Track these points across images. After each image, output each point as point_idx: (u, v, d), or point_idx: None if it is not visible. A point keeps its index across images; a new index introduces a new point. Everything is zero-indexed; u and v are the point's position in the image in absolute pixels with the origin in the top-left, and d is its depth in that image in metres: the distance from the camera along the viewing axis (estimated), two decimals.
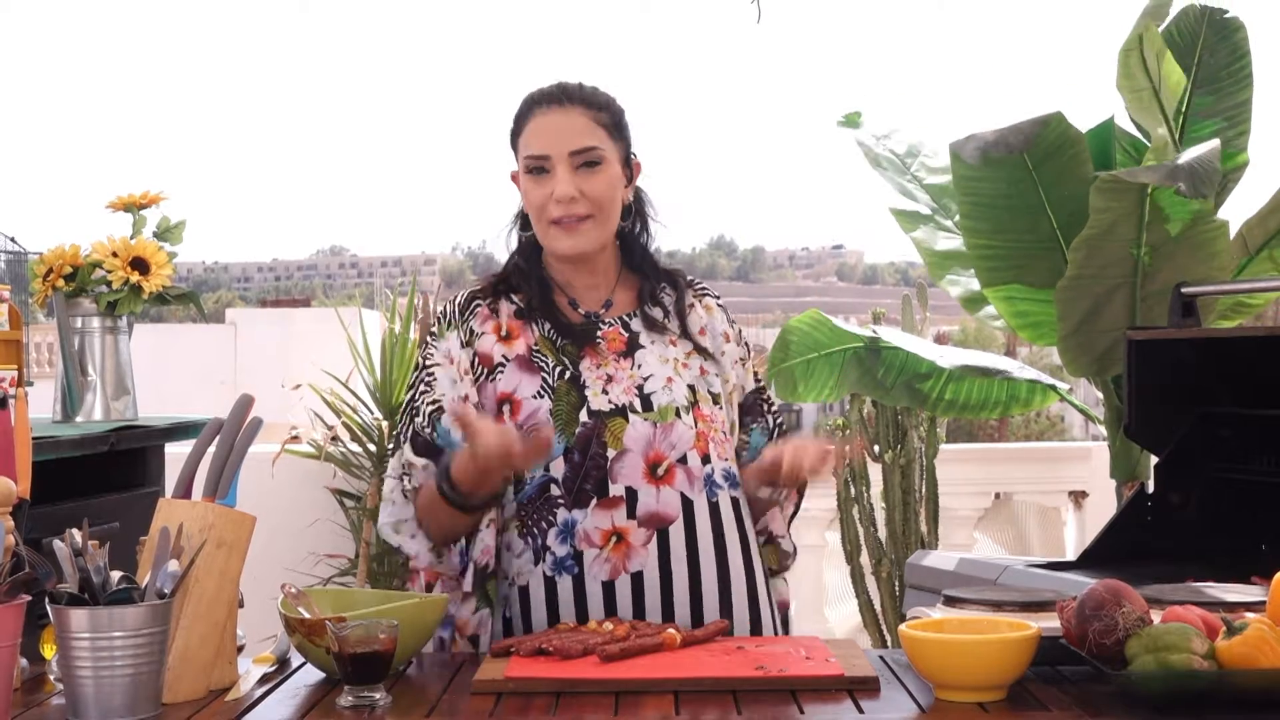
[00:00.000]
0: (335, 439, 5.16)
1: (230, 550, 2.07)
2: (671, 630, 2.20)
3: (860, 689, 2.01)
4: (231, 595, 2.09)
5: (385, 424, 5.12)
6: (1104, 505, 5.35)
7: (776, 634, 2.49)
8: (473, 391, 2.42)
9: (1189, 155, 4.19)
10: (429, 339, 2.49)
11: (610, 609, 2.34)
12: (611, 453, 2.37)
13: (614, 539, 2.35)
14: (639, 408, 2.41)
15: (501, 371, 2.42)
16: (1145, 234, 4.42)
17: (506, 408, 2.40)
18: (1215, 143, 4.28)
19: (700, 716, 1.90)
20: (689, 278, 2.62)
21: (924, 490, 5.20)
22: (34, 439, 2.21)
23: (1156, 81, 4.45)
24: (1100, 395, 4.96)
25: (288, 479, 5.11)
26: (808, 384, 5.10)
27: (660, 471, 2.39)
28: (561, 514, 2.36)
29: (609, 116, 2.47)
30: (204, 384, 17.76)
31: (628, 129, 2.52)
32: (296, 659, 2.24)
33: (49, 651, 2.15)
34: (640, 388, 2.43)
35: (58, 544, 1.94)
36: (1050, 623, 2.05)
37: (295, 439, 5.15)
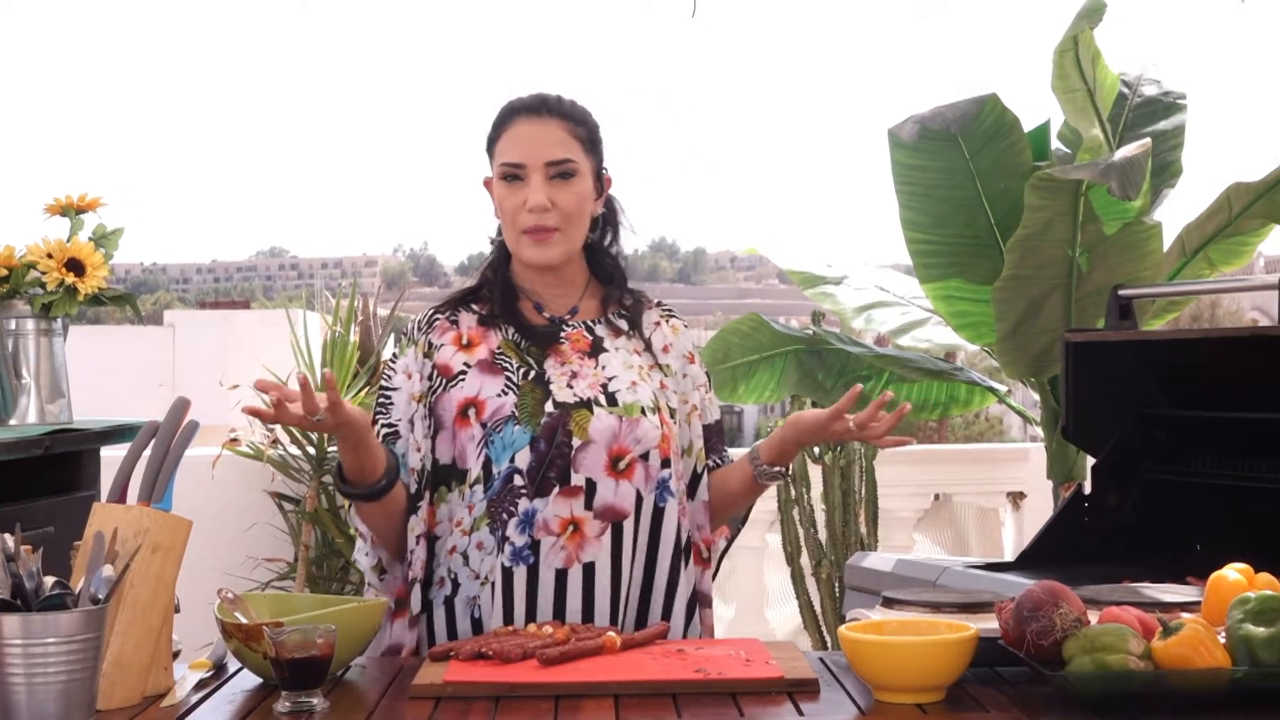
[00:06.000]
0: (275, 442, 5.12)
1: (166, 555, 2.05)
2: (612, 633, 2.20)
3: (800, 691, 2.02)
4: (167, 600, 2.06)
5: None
6: (1042, 506, 5.39)
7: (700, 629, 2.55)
8: (421, 388, 2.46)
9: (1121, 154, 4.24)
10: (392, 359, 2.53)
11: (561, 598, 2.38)
12: (577, 442, 2.41)
13: (570, 528, 2.39)
14: (604, 402, 2.45)
15: (463, 378, 2.45)
16: (1080, 234, 4.46)
17: (471, 410, 2.43)
18: (1147, 142, 4.34)
19: None
20: (656, 300, 2.66)
21: (864, 492, 5.22)
22: None
23: (1091, 83, 4.50)
24: (1037, 397, 5.00)
25: (226, 482, 5.06)
26: (748, 385, 5.13)
27: (622, 465, 2.42)
28: (523, 504, 2.39)
29: (585, 131, 2.51)
30: (142, 387, 17.55)
31: (602, 144, 2.56)
32: (233, 664, 2.22)
33: None
34: (605, 385, 2.47)
35: None
36: (988, 624, 2.06)
37: (235, 441, 5.11)
